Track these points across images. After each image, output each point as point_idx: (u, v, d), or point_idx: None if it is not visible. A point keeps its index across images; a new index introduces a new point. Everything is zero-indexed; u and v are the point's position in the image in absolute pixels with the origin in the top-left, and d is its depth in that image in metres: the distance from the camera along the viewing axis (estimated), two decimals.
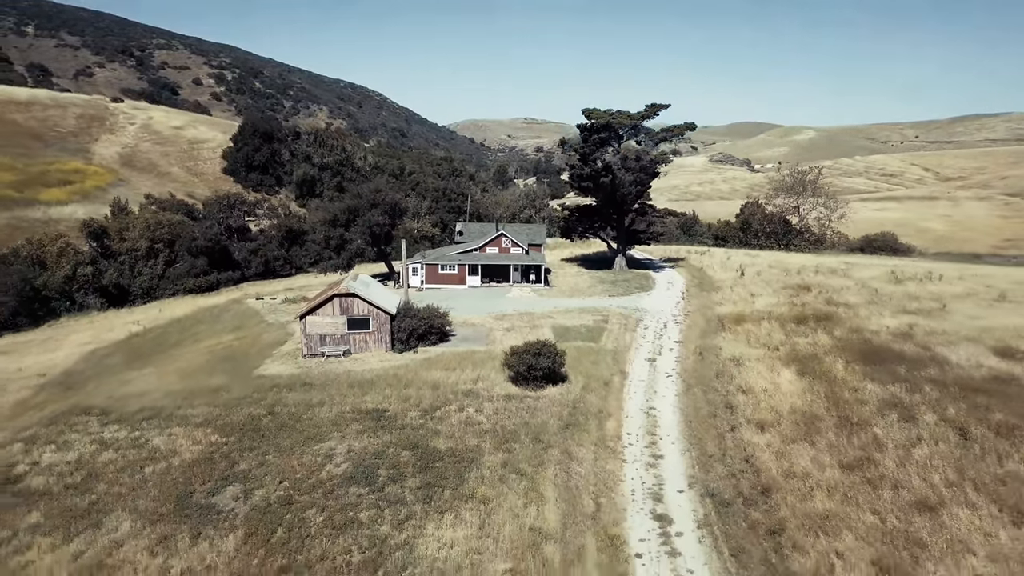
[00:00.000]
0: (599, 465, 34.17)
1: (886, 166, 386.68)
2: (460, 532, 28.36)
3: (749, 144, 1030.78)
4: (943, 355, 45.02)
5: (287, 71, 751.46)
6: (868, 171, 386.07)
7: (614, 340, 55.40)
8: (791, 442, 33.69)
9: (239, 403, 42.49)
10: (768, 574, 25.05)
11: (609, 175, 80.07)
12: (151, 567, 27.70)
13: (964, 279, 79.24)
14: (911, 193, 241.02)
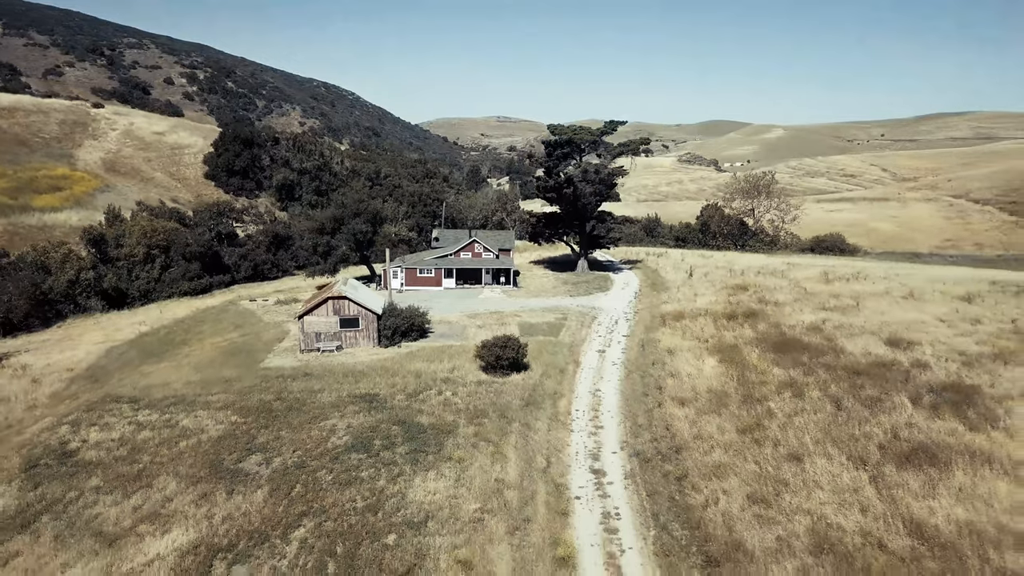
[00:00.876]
0: (551, 434, 42.55)
1: (847, 167, 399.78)
2: (441, 484, 36.50)
3: (720, 142, 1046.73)
4: (842, 345, 54.05)
5: (260, 70, 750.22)
6: (830, 171, 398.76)
7: (571, 335, 63.84)
8: (703, 414, 42.30)
9: (251, 391, 50.16)
10: (671, 506, 33.57)
11: (571, 187, 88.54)
12: (198, 515, 35.47)
13: (887, 279, 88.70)
14: (865, 194, 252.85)
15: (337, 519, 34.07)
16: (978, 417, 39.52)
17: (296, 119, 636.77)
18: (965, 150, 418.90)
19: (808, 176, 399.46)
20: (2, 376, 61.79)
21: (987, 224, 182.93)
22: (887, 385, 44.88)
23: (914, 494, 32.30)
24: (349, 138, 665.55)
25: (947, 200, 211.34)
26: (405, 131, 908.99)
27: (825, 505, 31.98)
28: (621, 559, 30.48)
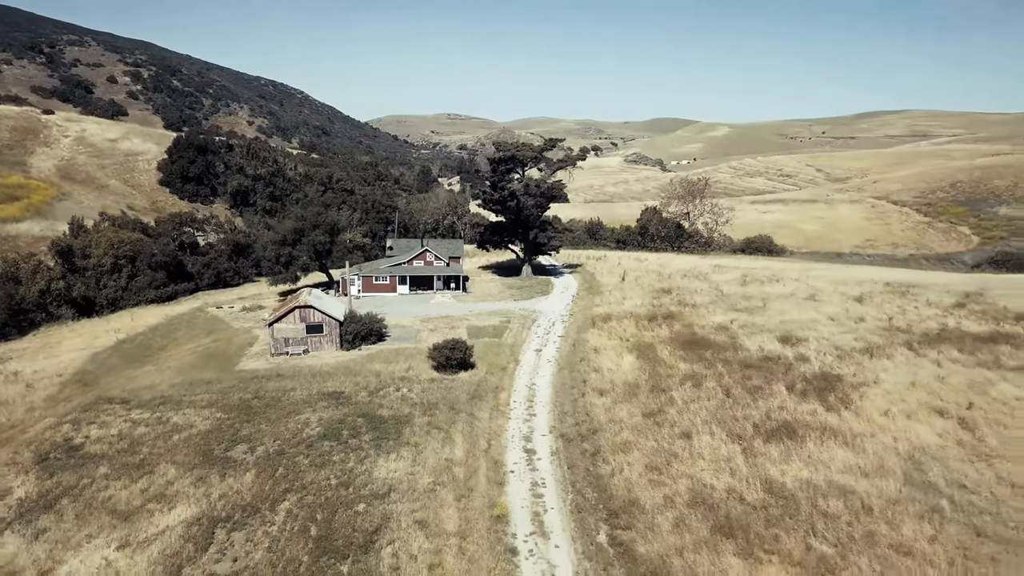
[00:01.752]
0: (492, 422, 50.77)
1: (784, 167, 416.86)
2: (400, 464, 44.37)
3: (667, 140, 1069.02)
4: (742, 343, 63.51)
5: (206, 68, 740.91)
6: (768, 171, 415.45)
7: (513, 336, 72.15)
8: (618, 402, 51.01)
9: (230, 390, 57.15)
10: (586, 475, 42.08)
11: (515, 200, 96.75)
12: (197, 494, 42.64)
13: (799, 280, 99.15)
14: (797, 196, 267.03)
15: (315, 494, 41.68)
16: (835, 400, 49.09)
17: (244, 118, 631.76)
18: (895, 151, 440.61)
19: (748, 176, 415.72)
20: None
21: (903, 225, 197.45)
22: (771, 376, 54.30)
23: (773, 461, 41.42)
24: (298, 137, 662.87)
25: (870, 202, 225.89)
26: (355, 130, 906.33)
27: (704, 471, 40.84)
28: (544, 516, 38.85)
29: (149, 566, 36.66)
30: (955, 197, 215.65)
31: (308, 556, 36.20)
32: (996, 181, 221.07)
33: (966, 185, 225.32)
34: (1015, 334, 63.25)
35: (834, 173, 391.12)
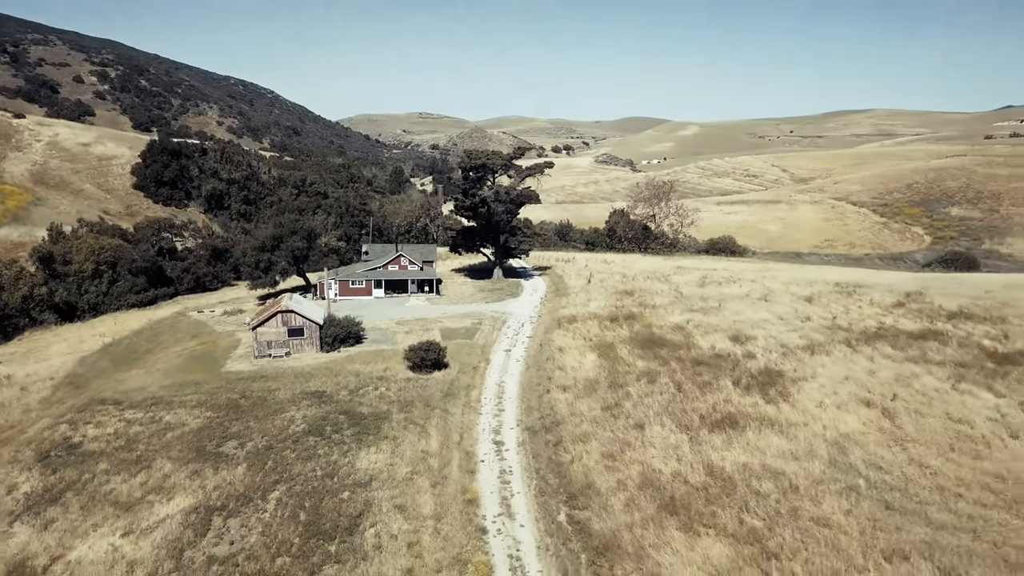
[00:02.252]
0: (464, 417, 55.16)
1: (750, 167, 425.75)
2: (381, 456, 48.57)
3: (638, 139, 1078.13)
4: (696, 342, 68.56)
5: (174, 68, 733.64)
6: (735, 172, 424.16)
7: (484, 337, 76.55)
8: (579, 397, 55.69)
9: (218, 391, 60.84)
10: (549, 463, 46.65)
11: (486, 207, 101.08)
12: (193, 486, 46.47)
13: (755, 281, 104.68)
14: (760, 196, 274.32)
15: (303, 484, 45.77)
16: (775, 394, 54.23)
17: (214, 118, 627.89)
18: (857, 151, 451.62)
19: (716, 176, 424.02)
20: None
21: (860, 225, 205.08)
22: (719, 372, 59.36)
23: (715, 448, 46.33)
24: (269, 138, 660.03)
25: (830, 203, 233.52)
26: (326, 129, 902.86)
27: (654, 458, 45.62)
28: (511, 499, 43.34)
29: (153, 550, 40.52)
30: (910, 198, 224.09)
31: (299, 538, 40.32)
32: (949, 182, 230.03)
33: (921, 186, 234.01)
34: (943, 331, 69.07)
35: (799, 173, 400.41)
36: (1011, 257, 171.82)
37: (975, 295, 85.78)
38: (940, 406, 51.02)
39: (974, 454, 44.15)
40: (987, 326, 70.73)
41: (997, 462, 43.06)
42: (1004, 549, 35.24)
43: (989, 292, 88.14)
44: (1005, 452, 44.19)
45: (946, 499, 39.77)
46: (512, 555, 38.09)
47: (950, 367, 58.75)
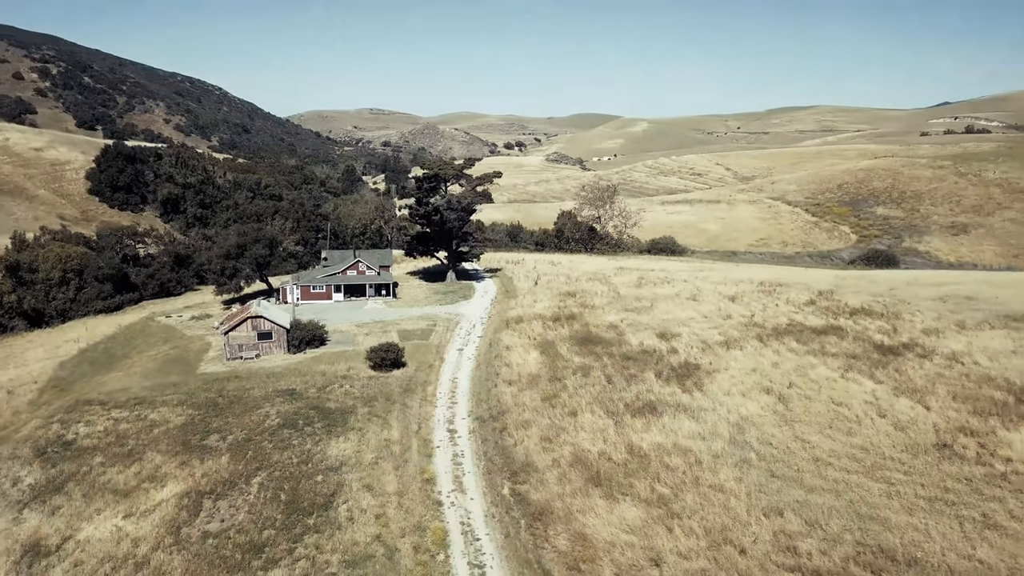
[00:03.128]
0: (421, 409, 62.50)
1: (695, 166, 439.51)
2: (348, 444, 55.64)
3: (589, 136, 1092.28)
4: (627, 339, 76.95)
5: (119, 64, 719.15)
6: (680, 170, 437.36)
7: (439, 338, 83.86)
8: (522, 390, 63.48)
9: (196, 391, 66.99)
10: (495, 446, 54.33)
11: (439, 214, 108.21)
12: (183, 474, 52.91)
13: (687, 281, 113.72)
14: (702, 196, 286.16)
15: (281, 470, 52.62)
16: (691, 384, 62.82)
17: (161, 116, 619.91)
18: (796, 150, 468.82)
19: (662, 175, 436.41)
20: None
21: (793, 224, 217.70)
22: (644, 366, 67.79)
23: (636, 431, 54.56)
24: (218, 136, 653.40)
25: (767, 202, 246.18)
26: (276, 127, 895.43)
27: (584, 440, 53.65)
28: (463, 477, 50.92)
29: (153, 528, 47.05)
30: (840, 198, 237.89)
31: (281, 515, 47.26)
32: (876, 183, 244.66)
33: (851, 186, 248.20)
34: (843, 327, 78.69)
35: (741, 172, 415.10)
36: (928, 254, 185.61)
37: (879, 293, 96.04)
38: (827, 392, 60.14)
39: (847, 431, 53.20)
40: (882, 321, 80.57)
41: (864, 437, 52.13)
42: (857, 505, 44.09)
43: (892, 290, 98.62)
44: (872, 428, 53.32)
45: (819, 467, 48.60)
46: (464, 522, 45.69)
47: (842, 358, 68.07)
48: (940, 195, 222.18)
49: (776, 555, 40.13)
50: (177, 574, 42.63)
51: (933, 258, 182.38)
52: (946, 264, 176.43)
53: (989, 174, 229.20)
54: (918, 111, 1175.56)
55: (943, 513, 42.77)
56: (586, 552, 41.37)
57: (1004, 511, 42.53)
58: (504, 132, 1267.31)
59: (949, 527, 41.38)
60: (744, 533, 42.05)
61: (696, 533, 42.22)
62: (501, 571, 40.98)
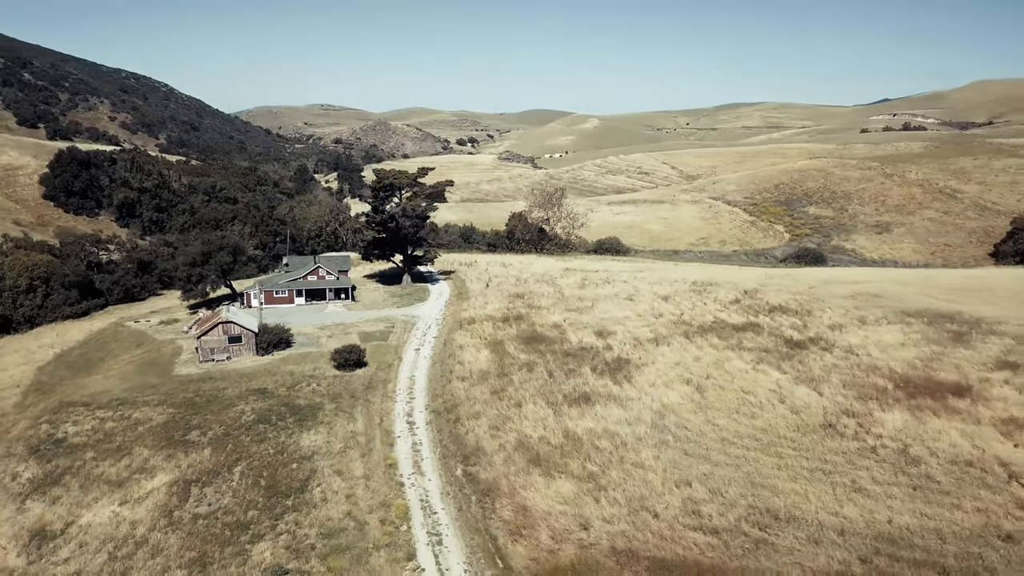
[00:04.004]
0: (383, 404, 69.76)
1: (643, 165, 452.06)
2: (319, 436, 62.61)
3: (540, 132, 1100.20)
4: (568, 337, 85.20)
5: (61, 60, 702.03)
6: (628, 169, 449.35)
7: (397, 339, 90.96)
8: (474, 385, 71.17)
9: (174, 391, 72.99)
10: (449, 435, 61.95)
11: (394, 221, 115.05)
12: (170, 466, 59.28)
13: (627, 282, 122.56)
14: (647, 196, 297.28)
15: (259, 459, 59.37)
16: (621, 377, 71.30)
17: (105, 113, 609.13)
18: (739, 150, 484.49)
19: (611, 174, 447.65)
20: None
21: (732, 224, 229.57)
22: (582, 361, 76.09)
23: (572, 418, 62.72)
24: (166, 133, 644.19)
25: (708, 202, 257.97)
26: (225, 124, 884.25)
27: (527, 427, 61.59)
28: (421, 462, 58.44)
29: (148, 512, 53.52)
30: (776, 198, 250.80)
31: (262, 497, 54.15)
32: (809, 183, 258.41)
33: (786, 186, 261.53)
34: (760, 323, 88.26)
35: (687, 171, 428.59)
36: (853, 252, 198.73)
37: (799, 291, 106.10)
38: (739, 382, 69.21)
39: (751, 415, 62.21)
40: (795, 318, 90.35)
41: (764, 420, 61.18)
42: (753, 476, 52.93)
43: (811, 288, 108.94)
44: (772, 413, 62.43)
45: (724, 446, 57.41)
46: (422, 499, 53.25)
47: (756, 352, 77.37)
48: (867, 195, 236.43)
49: (683, 518, 48.65)
50: (174, 550, 49.29)
51: (858, 256, 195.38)
52: (870, 261, 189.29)
53: (912, 175, 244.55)
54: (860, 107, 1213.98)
55: (821, 480, 51.91)
56: (526, 520, 49.31)
57: (869, 477, 51.85)
58: (456, 128, 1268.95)
59: (824, 491, 50.48)
60: (658, 501, 50.50)
61: (619, 502, 50.51)
62: (455, 538, 48.63)
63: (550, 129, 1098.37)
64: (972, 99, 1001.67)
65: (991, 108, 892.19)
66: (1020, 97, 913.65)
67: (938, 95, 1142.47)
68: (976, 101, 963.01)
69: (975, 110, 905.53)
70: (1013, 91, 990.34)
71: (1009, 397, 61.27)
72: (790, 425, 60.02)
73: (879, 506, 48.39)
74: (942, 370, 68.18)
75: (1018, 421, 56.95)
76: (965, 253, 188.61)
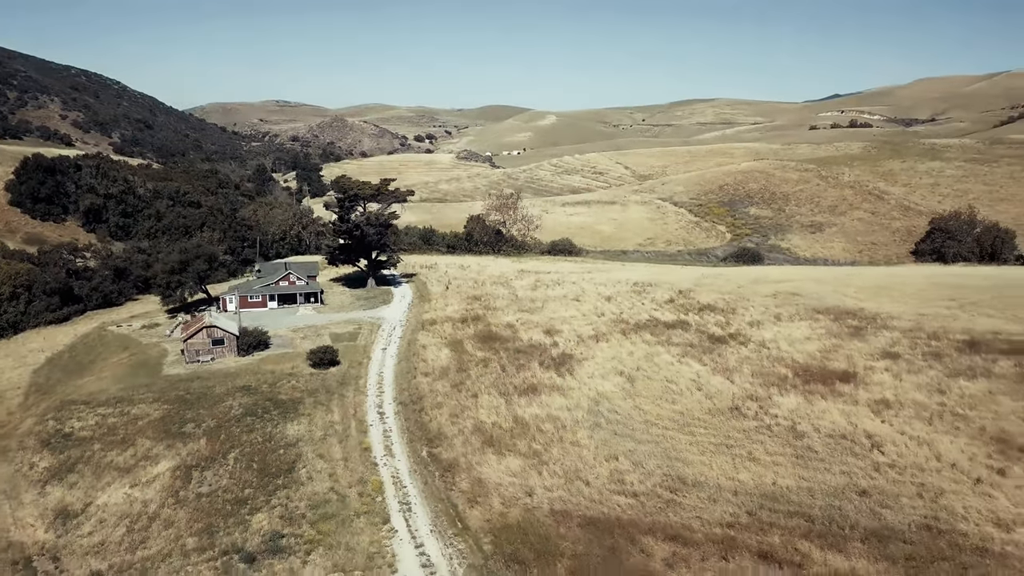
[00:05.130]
0: (356, 397, 79.37)
1: (597, 164, 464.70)
2: (301, 426, 72.02)
3: (498, 129, 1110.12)
4: (520, 336, 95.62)
5: (7, 57, 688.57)
6: (584, 169, 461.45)
7: (365, 339, 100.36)
8: (436, 380, 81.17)
9: (167, 390, 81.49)
10: (415, 423, 71.87)
11: (359, 230, 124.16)
12: (171, 454, 68.13)
13: (575, 283, 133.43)
14: (600, 197, 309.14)
15: (251, 447, 68.55)
16: (564, 370, 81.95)
17: (56, 112, 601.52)
18: (690, 149, 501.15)
19: (566, 173, 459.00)
20: None
21: (678, 224, 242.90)
22: (531, 357, 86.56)
23: (521, 406, 73.11)
24: (119, 132, 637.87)
25: (656, 203, 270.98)
26: (180, 122, 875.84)
27: (482, 415, 71.81)
28: (392, 446, 68.31)
29: (156, 493, 62.47)
30: (720, 199, 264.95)
31: (256, 478, 63.46)
32: (751, 184, 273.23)
33: (730, 188, 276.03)
34: (689, 321, 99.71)
35: (639, 170, 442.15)
36: (788, 251, 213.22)
37: (728, 290, 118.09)
38: (664, 373, 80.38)
39: (672, 401, 73.34)
40: (721, 316, 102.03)
41: (683, 405, 72.35)
42: (669, 451, 63.95)
43: (739, 287, 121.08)
44: (690, 398, 73.63)
45: (648, 427, 68.39)
46: (394, 476, 63.16)
47: (682, 347, 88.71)
48: (804, 196, 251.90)
49: (609, 485, 59.42)
50: (183, 523, 58.42)
51: (792, 254, 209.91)
52: (803, 259, 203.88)
53: (845, 177, 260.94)
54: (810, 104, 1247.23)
55: (723, 453, 63.17)
56: (481, 490, 59.59)
57: (763, 450, 63.27)
58: (414, 124, 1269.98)
59: (725, 462, 61.73)
60: (590, 472, 61.22)
61: (557, 474, 61.11)
62: (422, 506, 58.66)
63: (508, 126, 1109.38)
64: (916, 96, 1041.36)
65: (934, 105, 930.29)
66: (961, 95, 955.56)
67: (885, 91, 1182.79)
68: (920, 98, 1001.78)
69: (919, 107, 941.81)
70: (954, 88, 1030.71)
71: (885, 382, 73.44)
72: (703, 409, 71.30)
73: (767, 472, 59.78)
74: (836, 360, 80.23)
75: (888, 402, 69.01)
76: (889, 251, 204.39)
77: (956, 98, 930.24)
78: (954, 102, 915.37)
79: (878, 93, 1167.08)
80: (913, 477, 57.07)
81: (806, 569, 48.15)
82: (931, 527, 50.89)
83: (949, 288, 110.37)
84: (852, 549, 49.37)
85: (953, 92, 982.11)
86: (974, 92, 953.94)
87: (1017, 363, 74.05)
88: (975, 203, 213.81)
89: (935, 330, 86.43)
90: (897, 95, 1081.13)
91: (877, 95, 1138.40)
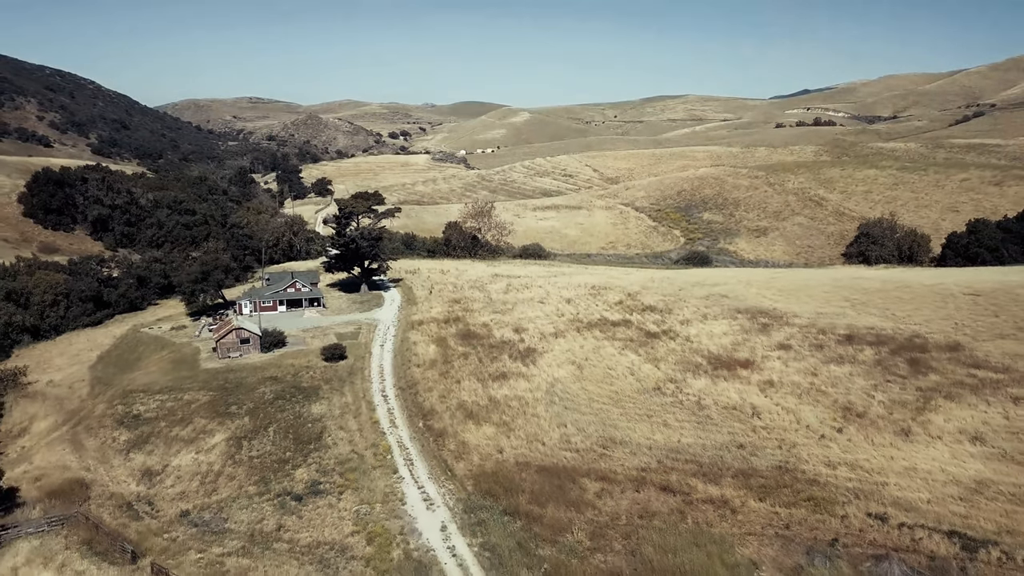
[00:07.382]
0: (363, 384, 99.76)
1: (567, 167, 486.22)
2: (322, 406, 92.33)
3: (472, 126, 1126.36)
4: (493, 333, 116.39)
5: None
6: (554, 171, 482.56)
7: (364, 337, 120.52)
8: (426, 370, 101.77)
9: (208, 380, 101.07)
10: (412, 403, 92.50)
11: (355, 243, 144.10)
12: (223, 428, 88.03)
13: (542, 287, 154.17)
14: (568, 201, 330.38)
15: (285, 423, 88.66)
16: (529, 361, 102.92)
17: (33, 113, 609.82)
18: (655, 152, 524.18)
19: (538, 176, 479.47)
20: (38, 386, 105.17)
21: (638, 228, 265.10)
22: (503, 351, 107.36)
23: (495, 389, 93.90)
24: (96, 132, 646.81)
25: (619, 208, 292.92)
26: (155, 121, 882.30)
27: (464, 395, 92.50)
28: (396, 419, 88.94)
29: (217, 457, 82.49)
30: (677, 204, 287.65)
31: (292, 444, 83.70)
32: (706, 190, 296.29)
33: (687, 193, 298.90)
34: (632, 320, 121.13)
35: (607, 173, 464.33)
36: (735, 253, 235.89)
37: (670, 293, 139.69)
38: (607, 362, 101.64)
39: (610, 383, 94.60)
40: (659, 316, 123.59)
41: (618, 386, 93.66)
42: (605, 420, 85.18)
43: (681, 290, 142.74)
44: (624, 382, 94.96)
45: (590, 403, 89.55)
46: (398, 441, 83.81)
47: (623, 341, 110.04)
48: (753, 202, 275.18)
49: (559, 444, 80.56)
50: (242, 476, 78.55)
51: (738, 257, 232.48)
52: (747, 262, 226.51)
53: (790, 184, 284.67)
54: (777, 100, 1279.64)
55: (645, 421, 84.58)
56: (464, 450, 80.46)
57: (674, 419, 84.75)
58: (388, 121, 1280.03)
59: (645, 427, 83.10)
60: (545, 436, 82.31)
61: (521, 437, 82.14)
62: (421, 461, 79.42)
63: (481, 122, 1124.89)
64: (879, 93, 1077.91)
65: (896, 102, 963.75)
66: (921, 92, 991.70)
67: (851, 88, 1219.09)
68: (883, 96, 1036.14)
69: (882, 104, 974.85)
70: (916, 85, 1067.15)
71: (775, 367, 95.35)
72: (634, 389, 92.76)
73: (675, 434, 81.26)
74: (741, 351, 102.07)
75: (772, 382, 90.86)
76: (823, 254, 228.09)
77: (917, 95, 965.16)
78: (915, 99, 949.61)
79: (845, 90, 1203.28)
80: (778, 435, 78.87)
81: (692, 496, 69.71)
82: (782, 467, 72.69)
83: (849, 290, 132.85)
84: (725, 483, 70.97)
85: (914, 89, 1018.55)
86: (934, 90, 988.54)
87: (877, 352, 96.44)
88: (902, 209, 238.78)
89: (824, 326, 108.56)
90: (862, 92, 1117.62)
91: (843, 92, 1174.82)
